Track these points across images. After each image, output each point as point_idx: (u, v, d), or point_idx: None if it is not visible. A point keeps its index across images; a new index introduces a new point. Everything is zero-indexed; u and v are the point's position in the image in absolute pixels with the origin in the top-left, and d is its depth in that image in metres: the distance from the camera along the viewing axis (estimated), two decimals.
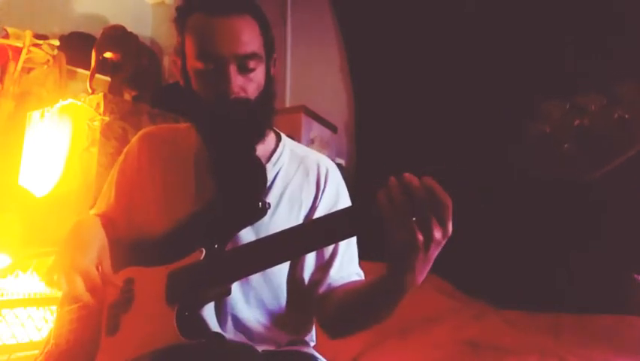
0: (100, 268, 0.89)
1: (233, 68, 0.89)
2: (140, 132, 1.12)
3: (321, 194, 1.02)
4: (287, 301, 1.00)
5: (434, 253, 0.68)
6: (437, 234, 0.65)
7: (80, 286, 0.83)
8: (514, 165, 0.58)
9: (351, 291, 0.90)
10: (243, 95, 0.90)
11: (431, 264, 0.70)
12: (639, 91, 0.47)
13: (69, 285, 0.83)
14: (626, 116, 0.46)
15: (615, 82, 0.49)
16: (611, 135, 0.48)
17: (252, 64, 0.90)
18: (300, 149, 1.11)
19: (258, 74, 0.93)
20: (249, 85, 0.91)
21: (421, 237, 0.65)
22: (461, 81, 2.26)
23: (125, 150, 1.12)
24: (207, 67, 0.90)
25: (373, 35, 2.70)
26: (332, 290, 0.96)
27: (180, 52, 0.96)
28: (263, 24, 0.93)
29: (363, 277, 1.01)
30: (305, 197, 1.02)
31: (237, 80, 0.90)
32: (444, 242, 0.67)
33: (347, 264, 0.99)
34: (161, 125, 1.17)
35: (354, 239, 1.02)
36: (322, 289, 0.97)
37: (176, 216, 0.95)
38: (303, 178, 1.03)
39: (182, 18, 0.95)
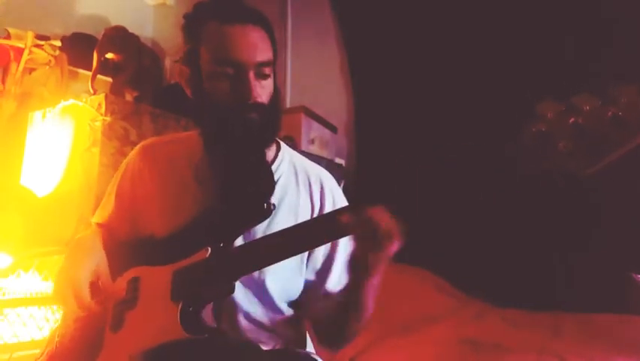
0: (99, 282, 0.94)
1: (252, 75, 0.92)
2: (140, 145, 1.13)
3: (319, 211, 1.04)
4: (292, 299, 1.01)
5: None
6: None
7: (76, 304, 0.90)
8: (512, 163, 0.59)
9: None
10: (259, 100, 0.94)
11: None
12: (634, 92, 0.48)
13: (68, 304, 0.91)
14: (620, 113, 0.47)
15: (610, 84, 0.50)
16: (604, 132, 0.49)
17: (267, 70, 0.95)
18: (298, 158, 1.12)
19: (270, 82, 0.97)
20: (263, 91, 0.95)
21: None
22: (461, 81, 2.26)
23: (124, 161, 1.13)
24: (227, 72, 0.92)
25: (373, 35, 2.70)
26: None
27: (190, 60, 0.97)
28: (272, 37, 0.97)
29: None
30: (302, 211, 1.03)
31: (255, 87, 0.93)
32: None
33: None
34: (159, 137, 1.19)
35: None
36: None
37: (180, 223, 0.97)
38: (301, 192, 1.05)
39: (195, 27, 0.96)
